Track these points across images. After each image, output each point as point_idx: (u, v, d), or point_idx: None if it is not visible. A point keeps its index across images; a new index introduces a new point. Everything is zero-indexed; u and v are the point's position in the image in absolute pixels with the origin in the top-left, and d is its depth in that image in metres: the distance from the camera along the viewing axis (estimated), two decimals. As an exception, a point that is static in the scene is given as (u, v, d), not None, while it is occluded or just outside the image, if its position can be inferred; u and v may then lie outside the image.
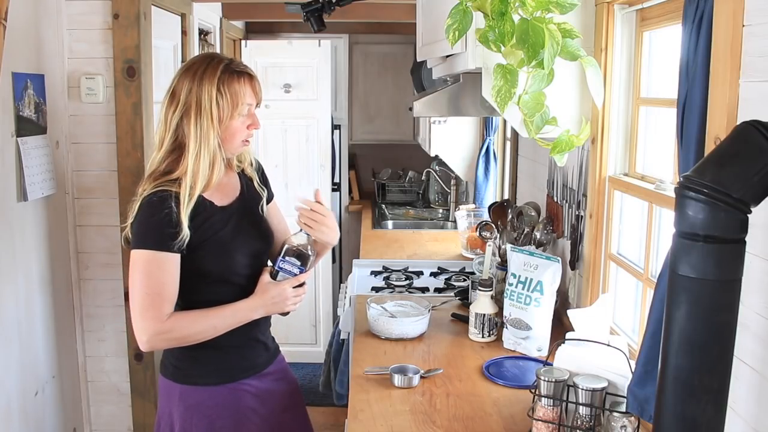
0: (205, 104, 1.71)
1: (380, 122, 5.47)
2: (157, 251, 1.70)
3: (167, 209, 1.68)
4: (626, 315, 2.11)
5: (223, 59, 1.78)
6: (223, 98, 1.72)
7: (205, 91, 1.71)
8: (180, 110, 1.73)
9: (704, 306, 1.06)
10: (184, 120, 1.72)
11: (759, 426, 1.23)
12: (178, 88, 1.74)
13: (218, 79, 1.72)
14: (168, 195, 1.69)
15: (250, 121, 1.79)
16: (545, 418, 1.56)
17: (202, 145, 1.71)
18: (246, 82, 1.76)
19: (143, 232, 1.71)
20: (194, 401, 1.81)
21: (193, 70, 1.75)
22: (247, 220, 1.87)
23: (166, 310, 1.71)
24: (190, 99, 1.72)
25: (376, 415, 1.77)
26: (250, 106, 1.79)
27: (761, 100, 1.21)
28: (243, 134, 1.79)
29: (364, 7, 3.69)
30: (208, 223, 1.76)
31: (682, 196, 1.06)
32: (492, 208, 3.10)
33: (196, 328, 1.74)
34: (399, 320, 2.30)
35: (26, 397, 2.33)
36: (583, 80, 1.85)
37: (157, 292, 1.70)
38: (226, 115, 1.73)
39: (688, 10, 1.38)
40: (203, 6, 3.70)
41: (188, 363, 1.82)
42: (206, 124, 1.71)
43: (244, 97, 1.75)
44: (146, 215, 1.71)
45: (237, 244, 1.80)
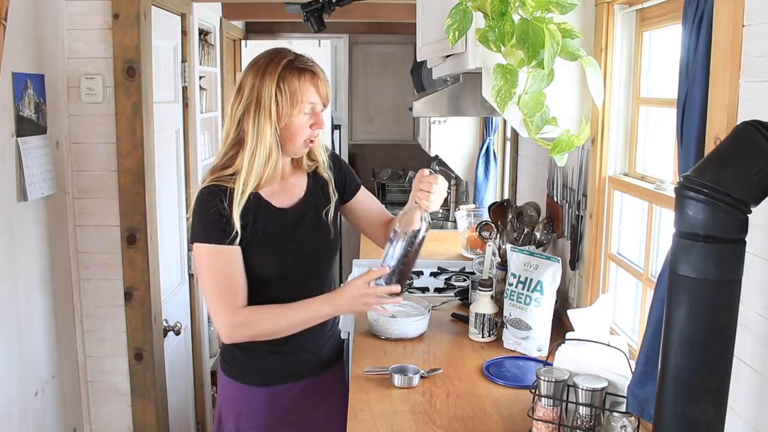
0: (265, 101, 1.67)
1: (380, 122, 5.47)
2: (214, 245, 1.69)
3: (217, 204, 1.68)
4: (626, 315, 2.11)
5: (288, 55, 1.73)
6: (282, 96, 1.67)
7: (265, 88, 1.67)
8: (243, 105, 1.70)
9: (704, 306, 1.06)
10: (245, 115, 1.69)
11: (759, 426, 1.23)
12: (243, 83, 1.72)
13: (279, 76, 1.68)
14: (220, 190, 1.69)
15: (313, 120, 1.74)
16: (545, 418, 1.56)
17: (258, 141, 1.68)
18: (308, 79, 1.71)
19: (198, 226, 1.72)
20: (230, 394, 1.86)
21: (258, 64, 1.72)
22: (308, 223, 1.82)
23: (238, 301, 1.70)
24: (252, 94, 1.69)
25: (376, 415, 1.77)
26: (314, 105, 1.73)
27: (761, 100, 1.21)
28: (305, 134, 1.74)
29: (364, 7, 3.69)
30: (262, 223, 1.74)
31: (682, 196, 1.06)
32: (492, 208, 3.10)
33: (272, 322, 1.71)
34: (399, 320, 2.30)
35: (26, 397, 2.32)
36: (583, 80, 1.85)
37: (225, 284, 1.69)
38: (286, 113, 1.69)
39: (688, 10, 1.38)
40: (203, 6, 3.69)
41: (231, 358, 1.86)
42: (264, 120, 1.67)
43: (304, 95, 1.70)
44: (199, 209, 1.71)
45: (293, 247, 1.76)
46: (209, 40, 4.03)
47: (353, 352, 2.26)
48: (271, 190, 1.79)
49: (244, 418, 1.85)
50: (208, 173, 1.76)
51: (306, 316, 1.73)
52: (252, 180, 1.70)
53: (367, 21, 4.81)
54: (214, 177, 1.72)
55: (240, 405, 1.85)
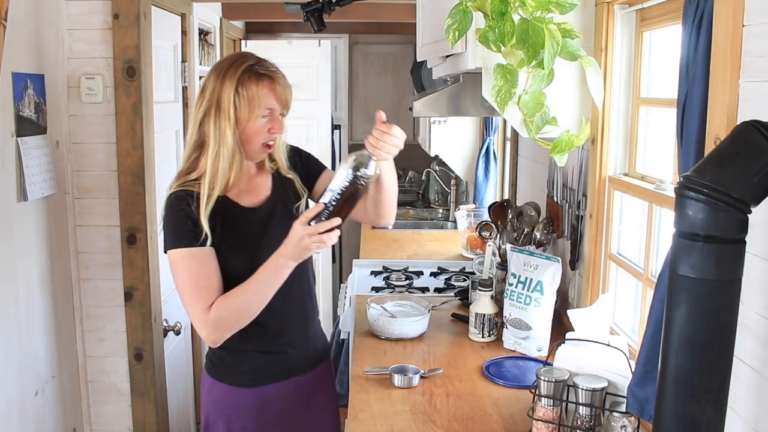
0: (224, 104, 1.68)
1: (380, 122, 5.46)
2: (187, 248, 1.69)
3: (184, 208, 1.68)
4: (626, 315, 2.11)
5: (249, 59, 1.74)
6: (240, 100, 1.69)
7: (225, 91, 1.69)
8: (204, 107, 1.71)
9: (704, 306, 1.06)
10: (206, 118, 1.70)
11: (759, 426, 1.23)
12: (206, 86, 1.73)
13: (238, 80, 1.69)
14: (187, 194, 1.70)
15: (271, 125, 1.75)
16: (545, 418, 1.56)
17: (220, 144, 1.69)
18: (266, 84, 1.72)
19: (171, 232, 1.72)
20: (217, 397, 1.86)
21: (219, 68, 1.73)
22: (277, 221, 1.82)
23: (207, 301, 1.69)
24: (213, 97, 1.70)
25: (376, 415, 1.77)
26: (271, 111, 1.74)
27: (761, 100, 1.21)
28: (262, 138, 1.75)
29: (364, 7, 3.69)
30: (232, 224, 1.75)
31: (682, 196, 1.06)
32: (492, 208, 3.10)
33: (239, 300, 1.69)
34: (399, 320, 2.30)
35: (26, 397, 2.32)
36: (583, 80, 1.85)
37: (201, 285, 1.69)
38: (244, 118, 1.70)
39: (688, 10, 1.38)
40: (203, 6, 3.69)
41: (219, 359, 1.85)
42: (224, 124, 1.68)
43: (261, 101, 1.71)
44: (169, 215, 1.72)
45: (263, 245, 1.77)
46: (209, 40, 4.03)
47: (353, 352, 2.26)
48: (238, 191, 1.80)
49: (235, 420, 1.84)
50: (174, 179, 1.76)
51: (267, 278, 1.69)
52: (218, 183, 1.70)
53: (367, 21, 4.81)
54: (179, 182, 1.73)
55: (230, 407, 1.84)
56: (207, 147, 1.71)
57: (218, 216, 1.72)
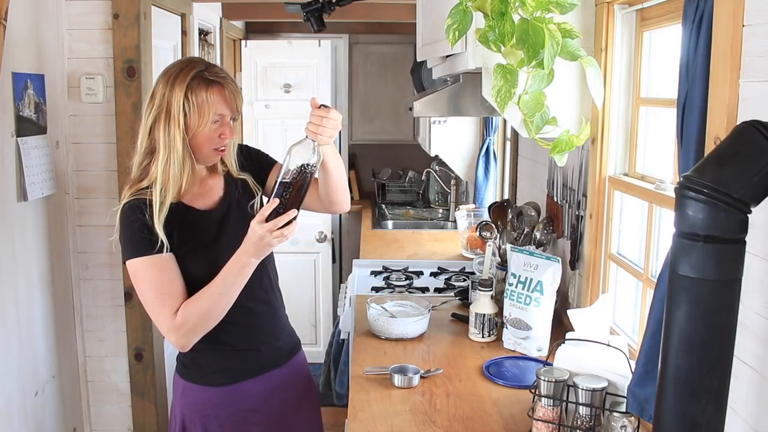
0: (174, 111, 1.67)
1: (380, 122, 5.47)
2: (146, 257, 1.69)
3: (139, 217, 1.68)
4: (626, 315, 2.11)
5: (198, 65, 1.72)
6: (190, 106, 1.68)
7: (174, 98, 1.67)
8: (154, 113, 1.70)
9: (704, 306, 1.06)
10: (156, 124, 1.69)
11: (759, 426, 1.23)
12: (155, 91, 1.72)
13: (187, 87, 1.67)
14: (141, 202, 1.69)
15: (221, 130, 1.74)
16: (545, 418, 1.56)
17: (170, 151, 1.68)
18: (215, 91, 1.70)
19: (128, 242, 1.71)
20: (193, 399, 1.84)
21: (168, 74, 1.71)
22: (233, 221, 1.82)
23: (179, 303, 1.69)
24: (162, 103, 1.69)
25: (376, 415, 1.77)
26: (222, 117, 1.73)
27: (761, 100, 1.21)
28: (213, 143, 1.74)
29: (364, 7, 3.69)
30: (188, 228, 1.75)
31: (682, 196, 1.06)
32: (492, 208, 3.10)
33: (206, 303, 1.69)
34: (399, 320, 2.30)
35: (26, 397, 2.33)
36: (583, 80, 1.85)
37: (165, 291, 1.69)
38: (194, 124, 1.69)
39: (688, 10, 1.38)
40: (203, 6, 3.70)
41: (191, 361, 1.84)
42: (174, 130, 1.67)
43: (211, 107, 1.69)
44: (124, 225, 1.71)
45: (221, 246, 1.76)
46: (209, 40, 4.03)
47: (353, 352, 2.26)
48: (192, 195, 1.79)
49: (211, 420, 1.83)
50: (126, 188, 1.75)
51: (231, 278, 1.69)
52: (170, 189, 1.70)
53: (367, 21, 4.81)
54: (132, 191, 1.72)
55: (205, 408, 1.83)
56: (157, 154, 1.70)
57: (174, 222, 1.72)
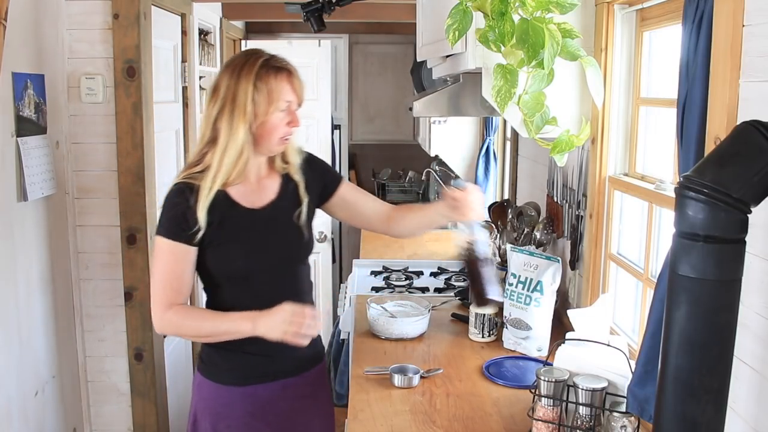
0: (240, 100, 1.69)
1: (380, 122, 5.47)
2: (171, 241, 1.73)
3: (183, 202, 1.72)
4: (626, 315, 2.11)
5: (263, 55, 1.76)
6: (259, 94, 1.70)
7: (241, 87, 1.70)
8: (219, 104, 1.72)
9: (704, 306, 1.06)
10: (220, 115, 1.72)
11: (759, 426, 1.23)
12: (219, 83, 1.74)
13: (255, 75, 1.70)
14: (188, 187, 1.73)
15: (289, 118, 1.76)
16: (545, 418, 1.56)
17: (230, 140, 1.71)
18: (284, 78, 1.74)
19: (163, 220, 1.77)
20: (205, 394, 1.86)
21: (233, 65, 1.75)
22: (276, 225, 1.83)
23: (173, 299, 1.74)
24: (228, 94, 1.71)
25: (376, 415, 1.77)
26: (289, 103, 1.76)
27: (761, 100, 1.21)
28: (281, 131, 1.76)
29: (364, 7, 3.69)
30: (229, 222, 1.75)
31: (682, 196, 1.06)
32: (492, 208, 3.10)
33: (193, 326, 1.77)
34: (399, 320, 2.30)
35: (26, 397, 2.33)
36: (583, 80, 1.85)
37: (170, 280, 1.74)
38: (262, 111, 1.71)
39: (688, 10, 1.38)
40: (203, 6, 3.69)
41: (208, 357, 1.86)
42: (238, 119, 1.70)
43: (280, 93, 1.72)
44: (166, 204, 1.76)
45: (256, 246, 1.78)
46: (209, 40, 4.03)
47: (353, 352, 2.26)
48: (243, 191, 1.80)
49: (222, 418, 1.83)
50: (182, 170, 1.81)
51: (226, 329, 1.74)
52: (220, 177, 1.72)
53: (367, 21, 4.81)
54: (185, 174, 1.76)
55: (216, 405, 1.83)
56: (218, 142, 1.73)
57: (217, 212, 1.73)
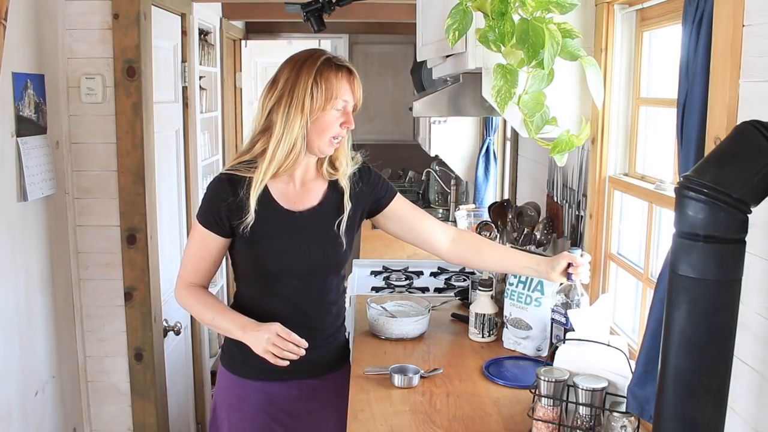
0: (299, 93, 1.71)
1: (380, 122, 5.47)
2: (203, 228, 1.80)
3: (222, 194, 1.76)
4: (626, 315, 2.11)
5: (326, 53, 1.78)
6: (318, 89, 1.71)
7: (301, 81, 1.72)
8: (276, 96, 1.74)
9: (704, 306, 1.06)
10: (276, 106, 1.74)
11: (759, 426, 1.23)
12: (279, 76, 1.77)
13: (316, 70, 1.72)
14: (232, 179, 1.76)
15: (344, 118, 1.76)
16: (545, 418, 1.56)
17: (285, 132, 1.72)
18: (344, 76, 1.75)
19: (202, 205, 1.83)
20: (223, 384, 1.92)
21: (294, 60, 1.77)
22: (313, 231, 1.83)
23: (194, 279, 1.84)
24: (286, 87, 1.73)
25: (376, 415, 1.77)
26: (346, 103, 1.76)
27: (761, 100, 1.21)
28: (333, 130, 1.76)
29: (364, 7, 3.69)
30: (262, 220, 1.77)
31: (682, 196, 1.06)
32: (492, 208, 3.10)
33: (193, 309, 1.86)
34: (399, 320, 2.29)
35: (26, 397, 2.33)
36: (583, 80, 1.85)
37: (193, 261, 1.83)
38: (318, 107, 1.72)
39: (688, 10, 1.38)
40: (203, 6, 3.69)
41: (228, 348, 1.92)
42: (294, 112, 1.71)
43: (338, 91, 1.73)
44: (210, 191, 1.80)
45: (283, 250, 1.79)
46: (209, 40, 4.03)
47: (353, 352, 2.26)
48: (284, 191, 1.81)
49: (234, 409, 1.87)
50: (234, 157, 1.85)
51: (221, 326, 1.82)
52: (272, 167, 1.75)
53: (367, 21, 4.81)
54: (233, 163, 1.80)
55: (232, 396, 1.88)
56: (272, 133, 1.74)
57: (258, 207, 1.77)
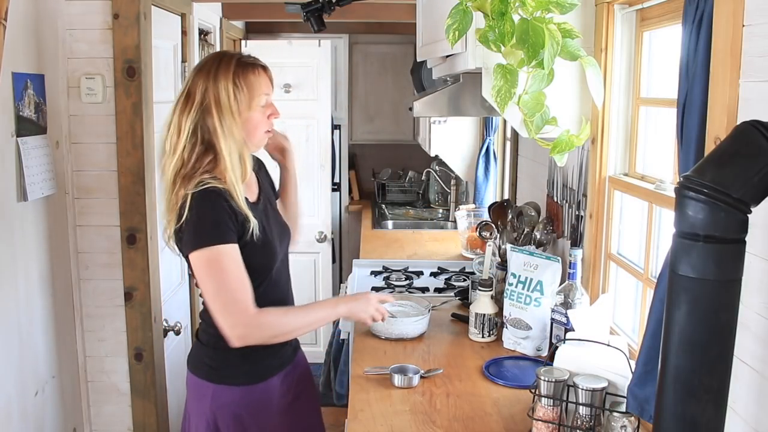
0: (224, 100, 1.71)
1: (380, 122, 5.47)
2: (226, 244, 1.66)
3: (225, 204, 1.67)
4: (626, 315, 2.11)
5: (234, 54, 1.80)
6: (240, 91, 1.72)
7: (221, 88, 1.71)
8: (197, 111, 1.71)
9: (704, 306, 1.06)
10: (208, 119, 1.71)
11: (759, 426, 1.23)
12: (194, 89, 1.73)
13: (233, 74, 1.72)
14: (220, 190, 1.68)
15: (270, 110, 1.81)
16: (545, 418, 1.57)
17: (230, 140, 1.71)
18: (260, 72, 1.78)
19: (214, 226, 1.67)
20: (226, 401, 1.82)
21: (206, 69, 1.75)
22: (273, 214, 1.92)
23: (251, 300, 1.68)
24: (208, 97, 1.71)
25: (376, 415, 1.77)
26: (267, 96, 1.80)
27: (761, 100, 1.21)
28: (265, 125, 1.81)
29: (364, 7, 3.69)
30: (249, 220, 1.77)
31: (682, 196, 1.06)
32: (492, 208, 3.10)
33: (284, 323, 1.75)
34: (399, 320, 2.29)
35: (26, 397, 2.32)
36: (583, 80, 1.85)
37: (240, 282, 1.67)
38: (245, 107, 1.74)
39: (688, 10, 1.38)
40: (203, 6, 3.69)
41: (222, 363, 1.82)
42: (228, 119, 1.71)
43: (260, 88, 1.76)
44: (208, 207, 1.67)
45: (273, 236, 1.84)
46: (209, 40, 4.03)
47: (353, 352, 2.26)
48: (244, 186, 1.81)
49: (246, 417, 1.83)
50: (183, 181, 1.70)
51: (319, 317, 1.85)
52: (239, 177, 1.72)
53: (367, 21, 4.81)
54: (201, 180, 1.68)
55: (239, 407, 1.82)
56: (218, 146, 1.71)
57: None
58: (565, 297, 1.97)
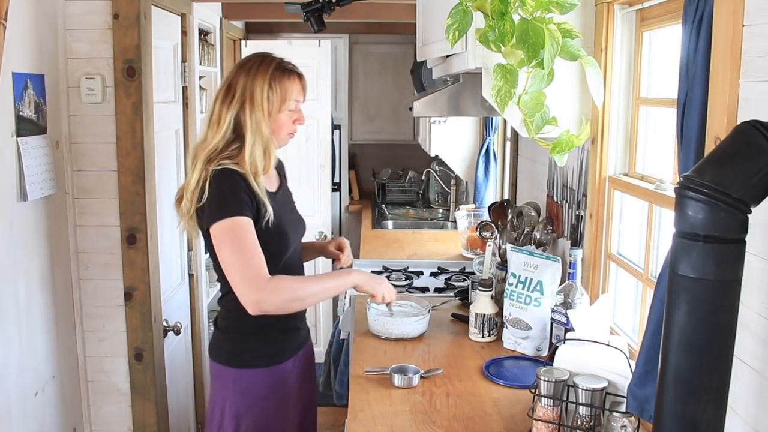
0: (257, 98, 1.85)
1: (380, 122, 5.47)
2: (243, 216, 1.77)
3: (243, 182, 1.80)
4: (626, 315, 2.11)
5: (276, 58, 1.94)
6: (274, 93, 1.87)
7: (258, 86, 1.85)
8: (236, 103, 1.85)
9: (704, 306, 1.06)
10: (241, 112, 1.85)
11: (759, 426, 1.23)
12: (234, 83, 1.88)
13: (270, 76, 1.87)
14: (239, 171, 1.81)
15: (296, 116, 1.95)
16: (545, 418, 1.57)
17: (256, 134, 1.85)
18: (295, 79, 1.92)
19: (228, 201, 1.77)
20: (247, 384, 1.92)
21: (248, 66, 1.90)
22: (290, 206, 2.06)
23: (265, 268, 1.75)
24: (245, 93, 1.85)
25: (376, 415, 1.77)
26: (297, 102, 1.93)
27: (761, 100, 1.21)
28: (289, 128, 1.94)
29: (364, 7, 3.69)
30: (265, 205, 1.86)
31: (682, 196, 1.06)
32: (492, 208, 3.10)
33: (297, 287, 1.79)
34: (399, 320, 2.29)
35: (26, 397, 2.32)
36: (583, 80, 1.85)
37: (256, 250, 1.75)
38: (275, 109, 1.88)
39: (688, 10, 1.38)
40: (203, 6, 3.69)
41: (241, 347, 1.93)
42: (258, 115, 1.84)
43: (292, 93, 1.90)
44: (226, 185, 1.79)
45: (287, 224, 1.93)
46: (209, 40, 4.03)
47: (353, 352, 2.26)
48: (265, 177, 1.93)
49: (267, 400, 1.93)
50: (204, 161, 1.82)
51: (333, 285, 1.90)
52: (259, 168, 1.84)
53: (367, 21, 4.80)
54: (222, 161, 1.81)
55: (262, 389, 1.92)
56: (245, 138, 1.84)
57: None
58: (565, 297, 1.97)
